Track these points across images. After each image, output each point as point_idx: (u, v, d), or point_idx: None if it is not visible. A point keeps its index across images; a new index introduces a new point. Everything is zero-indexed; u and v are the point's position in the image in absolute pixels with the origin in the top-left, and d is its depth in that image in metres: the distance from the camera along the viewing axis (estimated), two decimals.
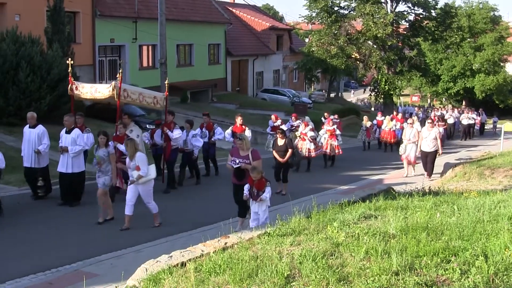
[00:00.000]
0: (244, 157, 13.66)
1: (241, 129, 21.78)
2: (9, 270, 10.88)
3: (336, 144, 26.42)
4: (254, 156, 13.66)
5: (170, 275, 8.24)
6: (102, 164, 15.11)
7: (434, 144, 22.00)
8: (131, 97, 18.46)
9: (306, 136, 24.57)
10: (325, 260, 8.02)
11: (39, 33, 30.79)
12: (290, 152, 19.19)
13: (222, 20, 54.51)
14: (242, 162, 13.55)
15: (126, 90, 18.29)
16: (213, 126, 22.31)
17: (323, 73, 66.62)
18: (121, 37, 41.56)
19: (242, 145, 13.76)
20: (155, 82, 39.52)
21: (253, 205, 12.86)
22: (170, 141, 19.32)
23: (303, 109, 48.71)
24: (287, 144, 19.33)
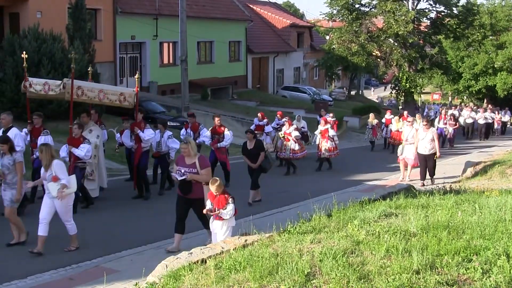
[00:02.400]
0: (191, 165, 11.78)
1: (220, 130, 19.85)
2: (30, 266, 10.94)
3: (329, 146, 24.39)
4: (201, 163, 11.77)
5: (190, 271, 8.25)
6: (6, 175, 12.31)
7: (432, 146, 20.09)
8: (88, 95, 16.45)
9: (290, 136, 23.06)
10: (345, 258, 8.00)
11: (60, 30, 30.95)
12: (262, 156, 17.05)
13: (242, 17, 54.50)
14: (188, 172, 11.71)
15: (81, 88, 16.32)
16: (198, 127, 20.62)
17: (343, 71, 66.41)
18: (141, 34, 41.68)
19: (188, 150, 11.76)
20: (175, 79, 39.74)
21: (212, 223, 11.02)
22: (141, 142, 17.74)
23: (323, 107, 48.61)
24: (257, 146, 17.22)
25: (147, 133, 17.74)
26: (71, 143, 15.31)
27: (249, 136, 17.42)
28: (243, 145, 17.61)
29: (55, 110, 28.07)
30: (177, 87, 40.61)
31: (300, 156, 23.36)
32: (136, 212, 15.97)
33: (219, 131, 19.79)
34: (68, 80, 15.97)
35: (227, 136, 19.66)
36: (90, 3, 33.46)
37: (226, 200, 10.68)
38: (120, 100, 17.25)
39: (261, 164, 17.07)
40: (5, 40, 29.86)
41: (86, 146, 15.19)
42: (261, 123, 25.18)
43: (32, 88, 16.74)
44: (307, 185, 20.13)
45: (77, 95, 16.06)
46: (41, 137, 15.87)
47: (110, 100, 17.07)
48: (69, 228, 12.19)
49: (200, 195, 11.69)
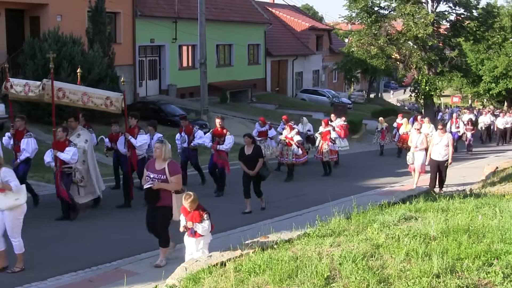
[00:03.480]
0: (160, 171, 10.84)
1: (221, 132, 19.00)
2: (50, 268, 11.00)
3: (329, 149, 23.74)
4: (171, 169, 10.80)
5: (210, 274, 8.26)
6: None
7: (446, 152, 19.05)
8: (70, 97, 15.38)
9: (292, 140, 22.27)
10: (365, 262, 7.98)
11: (80, 33, 31.15)
12: (260, 162, 16.18)
13: (261, 20, 54.53)
14: (156, 178, 10.80)
15: (62, 89, 15.28)
16: (192, 130, 19.81)
17: (362, 74, 66.30)
18: (161, 37, 41.80)
19: (160, 152, 10.88)
20: (195, 82, 39.82)
21: (186, 241, 10.04)
22: (135, 149, 17.07)
23: (342, 110, 48.55)
24: (256, 152, 16.34)
25: (139, 139, 17.07)
26: (56, 147, 14.80)
27: (247, 141, 16.49)
28: (240, 150, 16.69)
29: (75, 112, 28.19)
30: (196, 90, 40.67)
31: (303, 160, 22.86)
32: None
33: (220, 133, 19.00)
34: (48, 81, 15.08)
35: (227, 139, 18.84)
36: (110, 7, 33.60)
37: (201, 216, 9.75)
38: (106, 104, 16.13)
39: (259, 171, 16.21)
40: (26, 43, 30.08)
41: (72, 149, 14.76)
42: (263, 129, 24.18)
43: (13, 89, 15.90)
44: (325, 188, 20.07)
45: (58, 97, 15.11)
46: (24, 139, 15.61)
47: (95, 104, 15.96)
48: (15, 246, 10.87)
49: (166, 203, 10.76)
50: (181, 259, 10.13)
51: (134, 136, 16.99)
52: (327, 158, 23.76)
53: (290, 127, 22.68)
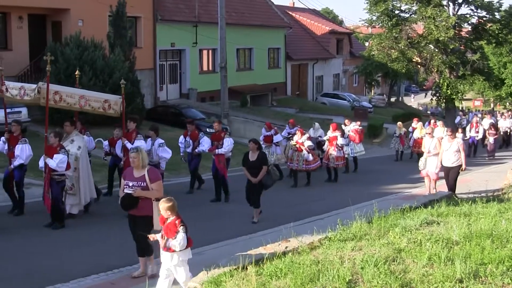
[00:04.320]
0: (139, 178, 10.23)
1: (219, 137, 18.48)
2: (72, 270, 11.04)
3: (337, 155, 22.93)
4: (151, 176, 10.21)
5: (231, 277, 8.26)
6: None
7: (457, 157, 18.28)
8: (67, 101, 14.87)
9: (302, 145, 21.41)
10: (387, 266, 7.95)
11: (101, 37, 31.36)
12: (264, 170, 15.27)
13: (282, 24, 54.53)
14: (136, 186, 10.17)
15: (59, 93, 14.81)
16: (198, 136, 19.11)
17: (383, 77, 66.08)
18: (181, 41, 41.93)
19: (137, 160, 10.24)
20: (215, 86, 39.88)
21: (162, 255, 9.17)
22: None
23: (363, 114, 48.45)
24: (260, 159, 15.43)
25: (137, 144, 15.76)
26: (47, 152, 14.24)
27: (252, 146, 15.56)
28: (244, 156, 15.74)
29: (97, 116, 28.30)
30: (216, 94, 40.75)
31: (314, 167, 21.83)
32: None
33: (218, 138, 18.48)
34: (43, 84, 14.51)
35: (226, 142, 18.30)
36: (131, 11, 33.75)
37: (177, 227, 8.87)
38: (105, 107, 15.60)
39: (262, 179, 15.33)
40: (48, 48, 30.30)
41: (60, 156, 14.10)
42: (269, 133, 23.09)
43: (8, 93, 15.29)
44: (345, 193, 19.88)
45: (55, 101, 14.68)
46: (19, 145, 15.19)
47: (93, 107, 15.46)
48: None
49: (147, 212, 10.14)
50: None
51: (132, 141, 16.34)
52: (333, 164, 22.94)
53: (301, 132, 21.93)
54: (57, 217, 14.45)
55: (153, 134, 17.26)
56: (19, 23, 31.99)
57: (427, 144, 19.51)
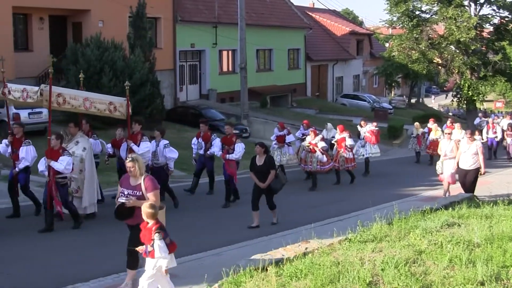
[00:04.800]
0: (135, 187, 9.76)
1: (230, 141, 17.91)
2: (93, 269, 11.07)
3: (347, 157, 22.32)
4: (147, 185, 9.70)
5: (251, 278, 8.24)
6: None
7: (475, 160, 17.49)
8: (71, 103, 14.60)
9: (316, 147, 20.82)
10: (407, 268, 7.91)
11: (121, 38, 31.49)
12: (272, 174, 14.72)
13: (301, 25, 54.46)
14: (131, 195, 9.69)
15: (62, 95, 14.52)
16: (210, 137, 18.63)
17: (403, 78, 65.82)
18: (201, 42, 42.02)
19: (134, 169, 9.71)
20: (235, 87, 39.93)
21: (146, 262, 8.89)
22: None
23: (383, 115, 48.33)
24: (267, 163, 14.85)
25: (142, 147, 16.05)
26: (50, 156, 13.94)
27: (259, 150, 15.00)
28: (252, 160, 15.20)
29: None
30: (236, 94, 40.81)
31: (328, 168, 21.27)
32: (194, 218, 16.03)
33: (229, 141, 17.92)
34: (46, 87, 14.23)
35: (237, 148, 17.70)
36: (151, 12, 33.85)
37: (152, 233, 8.60)
38: (110, 109, 15.32)
39: (271, 184, 14.80)
40: (68, 48, 30.54)
41: (66, 158, 13.94)
42: (281, 133, 22.71)
43: (11, 95, 15.11)
44: (364, 194, 19.78)
45: (58, 103, 14.37)
46: (23, 147, 14.92)
47: (98, 109, 15.13)
48: None
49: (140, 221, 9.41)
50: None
51: (137, 143, 16.08)
52: (343, 166, 22.36)
53: (315, 133, 21.32)
54: (74, 216, 14.45)
55: (159, 135, 16.99)
56: (40, 24, 32.21)
57: (443, 146, 18.95)
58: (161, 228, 8.69)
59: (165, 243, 8.58)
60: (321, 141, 21.12)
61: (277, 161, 21.39)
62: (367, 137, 25.02)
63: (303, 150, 21.35)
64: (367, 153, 24.85)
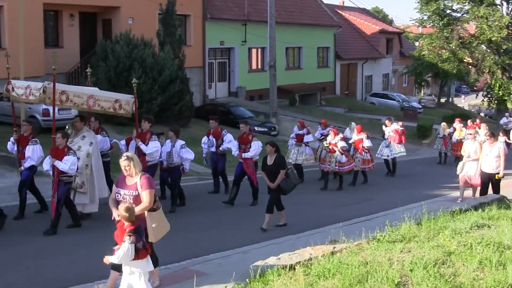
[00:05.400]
0: (131, 186, 9.36)
1: (246, 139, 17.42)
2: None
3: (364, 158, 21.91)
4: (142, 183, 9.26)
5: (279, 277, 8.22)
6: None
7: (498, 163, 16.94)
8: (74, 101, 14.25)
9: (336, 146, 20.46)
10: (436, 269, 7.85)
11: (151, 35, 31.61)
12: (282, 174, 14.24)
13: (331, 23, 54.29)
14: (127, 195, 9.29)
15: (66, 93, 14.14)
16: (221, 133, 18.38)
17: (433, 78, 65.36)
18: (230, 39, 42.06)
19: (130, 168, 9.29)
20: (263, 85, 39.92)
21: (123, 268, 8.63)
22: (145, 155, 15.57)
23: (412, 114, 48.03)
24: (277, 163, 14.38)
25: (151, 146, 15.69)
26: (54, 155, 13.53)
27: (269, 150, 14.53)
28: (263, 160, 14.78)
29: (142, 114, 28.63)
30: (265, 92, 40.79)
31: (347, 169, 20.98)
32: (221, 216, 16.03)
33: (245, 140, 17.42)
34: (49, 84, 13.77)
35: (253, 146, 17.18)
36: (180, 9, 33.94)
37: (124, 234, 8.28)
38: (115, 107, 14.96)
39: (280, 184, 14.35)
40: (98, 45, 30.71)
41: (71, 158, 13.53)
42: (301, 132, 22.07)
43: (14, 92, 14.62)
44: (392, 194, 19.64)
45: (61, 101, 14.05)
46: (29, 146, 14.53)
47: (103, 107, 14.81)
48: None
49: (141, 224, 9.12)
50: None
51: (146, 142, 15.70)
52: (359, 167, 21.94)
53: (335, 132, 20.95)
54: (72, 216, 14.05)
55: (173, 135, 16.40)
56: (70, 21, 32.45)
57: (467, 147, 18.18)
58: (135, 231, 8.29)
59: (135, 247, 8.19)
60: (341, 141, 20.74)
61: (293, 160, 21.33)
62: (391, 136, 24.49)
63: (323, 150, 21.06)
64: (391, 153, 24.35)
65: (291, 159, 21.43)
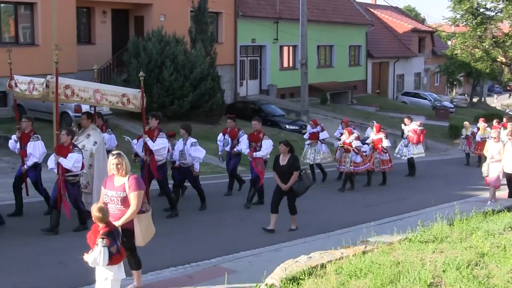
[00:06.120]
0: (119, 187, 8.88)
1: (257, 137, 16.75)
2: (150, 262, 11.13)
3: (382, 158, 21.36)
4: (130, 184, 8.79)
5: (310, 276, 8.20)
6: None
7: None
8: (80, 95, 13.71)
9: (350, 146, 19.81)
10: (469, 270, 7.78)
11: (183, 33, 31.68)
12: (295, 176, 13.58)
13: (363, 21, 54.06)
14: (115, 197, 8.83)
15: (70, 87, 13.55)
16: (237, 133, 17.65)
17: (466, 77, 64.81)
18: (262, 37, 42.04)
19: (121, 166, 8.85)
20: (295, 83, 39.89)
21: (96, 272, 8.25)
22: (153, 154, 14.96)
23: (444, 114, 47.65)
24: (290, 163, 13.70)
25: (158, 143, 14.90)
26: (59, 152, 13.07)
27: (282, 149, 13.90)
28: (275, 159, 14.13)
29: (177, 111, 28.78)
30: (296, 90, 40.74)
31: (362, 169, 20.41)
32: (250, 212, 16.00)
33: (256, 138, 16.78)
34: (52, 78, 13.25)
35: (264, 145, 16.50)
36: (212, 7, 34.03)
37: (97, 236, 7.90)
38: (123, 102, 14.50)
39: (293, 186, 13.71)
40: (130, 42, 30.85)
41: (75, 156, 13.08)
42: (315, 130, 21.47)
43: (17, 88, 14.18)
44: (424, 193, 19.48)
45: (66, 96, 13.49)
46: (30, 143, 14.16)
47: (110, 102, 14.36)
48: None
49: (128, 226, 8.90)
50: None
51: (153, 139, 14.94)
52: (379, 168, 21.44)
53: (349, 132, 20.20)
54: (80, 217, 13.49)
55: (184, 133, 15.72)
56: (102, 18, 32.65)
57: (490, 148, 17.79)
58: (109, 234, 7.89)
59: (108, 251, 7.81)
60: (355, 140, 20.03)
61: (311, 160, 21.01)
62: (410, 136, 23.73)
63: (338, 150, 20.53)
64: (409, 153, 23.69)
65: (309, 159, 21.06)
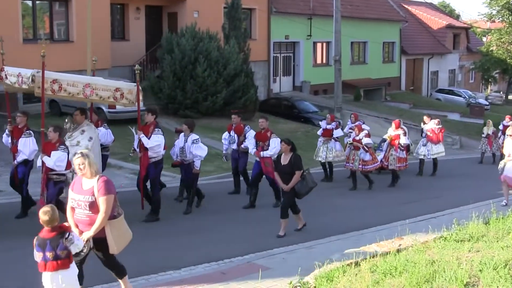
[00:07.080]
0: (87, 191, 8.08)
1: (265, 136, 15.94)
2: (184, 258, 11.16)
3: (398, 156, 20.37)
4: (99, 187, 7.98)
5: (344, 273, 8.15)
6: None
7: None
8: (68, 90, 13.00)
9: (360, 143, 19.12)
10: (507, 270, 7.66)
11: (216, 29, 31.76)
12: (297, 176, 12.87)
13: (397, 18, 53.72)
14: (82, 201, 8.04)
15: (58, 81, 12.83)
16: (243, 129, 16.85)
17: (501, 74, 64.07)
18: (295, 33, 41.96)
19: (84, 166, 8.07)
20: (328, 79, 39.77)
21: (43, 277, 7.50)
22: (147, 150, 14.08)
23: (479, 111, 47.15)
24: (292, 163, 13.00)
25: (153, 139, 14.01)
26: (45, 149, 12.55)
27: (284, 148, 13.21)
28: (277, 159, 13.64)
29: (210, 107, 28.86)
30: (329, 87, 40.60)
31: (371, 168, 19.56)
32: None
33: (263, 137, 15.98)
34: (38, 72, 12.60)
35: (272, 143, 15.64)
36: (246, 3, 34.07)
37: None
38: (116, 97, 13.69)
39: (295, 187, 12.98)
40: (164, 38, 30.99)
41: (58, 153, 12.45)
42: (329, 127, 20.58)
43: (7, 80, 13.64)
44: (460, 192, 19.26)
45: (53, 91, 12.87)
46: (22, 139, 13.63)
47: (101, 97, 13.56)
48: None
49: (100, 235, 8.13)
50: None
51: (148, 135, 14.06)
52: (394, 166, 20.46)
53: (359, 128, 19.42)
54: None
55: (186, 129, 15.05)
56: (136, 14, 32.86)
57: (507, 146, 16.99)
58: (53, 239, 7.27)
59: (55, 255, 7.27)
60: (366, 137, 19.29)
61: (323, 158, 20.51)
62: (428, 136, 22.97)
63: (348, 147, 19.82)
64: (428, 154, 22.86)
65: (321, 157, 20.54)
